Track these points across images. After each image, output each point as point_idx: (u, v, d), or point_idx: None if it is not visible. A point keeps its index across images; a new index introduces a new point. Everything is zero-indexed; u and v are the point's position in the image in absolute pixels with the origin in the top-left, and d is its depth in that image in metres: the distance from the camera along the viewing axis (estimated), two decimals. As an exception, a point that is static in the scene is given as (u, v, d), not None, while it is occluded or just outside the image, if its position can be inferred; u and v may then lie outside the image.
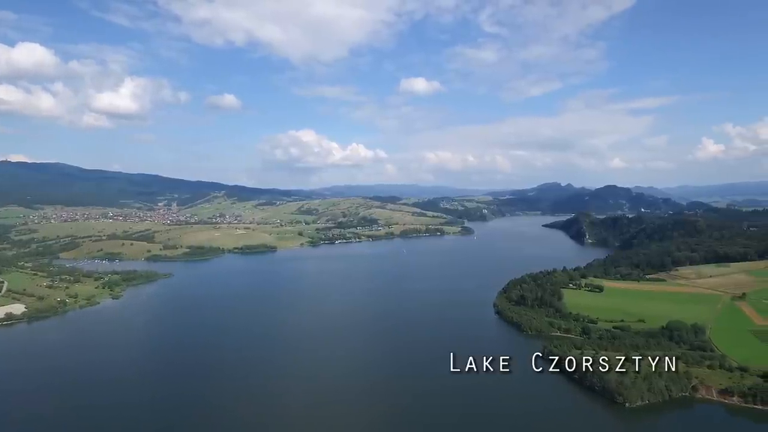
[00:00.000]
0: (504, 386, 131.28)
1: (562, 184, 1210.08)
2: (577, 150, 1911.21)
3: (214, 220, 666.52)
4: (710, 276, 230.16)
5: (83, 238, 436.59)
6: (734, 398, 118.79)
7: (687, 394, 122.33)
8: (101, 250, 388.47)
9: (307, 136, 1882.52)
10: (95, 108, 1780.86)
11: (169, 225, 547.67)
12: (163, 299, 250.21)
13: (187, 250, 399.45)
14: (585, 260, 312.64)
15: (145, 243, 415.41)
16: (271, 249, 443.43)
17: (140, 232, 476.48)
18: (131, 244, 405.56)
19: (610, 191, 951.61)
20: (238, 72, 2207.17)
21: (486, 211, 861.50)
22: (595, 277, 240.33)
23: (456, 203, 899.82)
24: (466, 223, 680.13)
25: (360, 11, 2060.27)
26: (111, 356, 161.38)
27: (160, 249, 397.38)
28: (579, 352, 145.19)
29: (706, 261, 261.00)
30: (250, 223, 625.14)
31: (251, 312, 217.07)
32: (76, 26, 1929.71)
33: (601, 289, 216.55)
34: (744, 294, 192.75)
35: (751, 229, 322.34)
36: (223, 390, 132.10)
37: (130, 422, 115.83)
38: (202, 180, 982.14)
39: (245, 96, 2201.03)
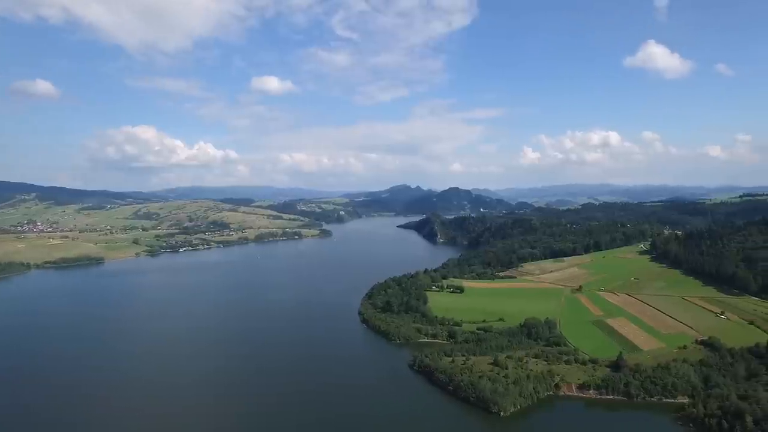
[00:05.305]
0: (381, 401, 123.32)
1: (412, 186, 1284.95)
2: (424, 154, 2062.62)
3: (19, 228, 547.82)
4: (551, 271, 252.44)
5: None
6: (591, 392, 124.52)
7: (552, 392, 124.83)
8: None
9: (146, 132, 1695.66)
10: None
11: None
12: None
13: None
14: (440, 259, 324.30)
15: None
16: (98, 261, 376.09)
17: None
18: None
19: (454, 193, 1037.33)
20: (55, 55, 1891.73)
21: (343, 212, 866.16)
22: (454, 277, 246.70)
23: (313, 205, 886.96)
24: (324, 226, 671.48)
25: (205, 0, 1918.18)
26: None
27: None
28: (450, 360, 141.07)
29: (545, 257, 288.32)
30: (70, 230, 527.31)
31: (59, 345, 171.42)
32: None
33: (461, 289, 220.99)
34: (580, 287, 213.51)
35: (573, 226, 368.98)
36: None
37: None
38: (5, 180, 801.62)
39: (65, 83, 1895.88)
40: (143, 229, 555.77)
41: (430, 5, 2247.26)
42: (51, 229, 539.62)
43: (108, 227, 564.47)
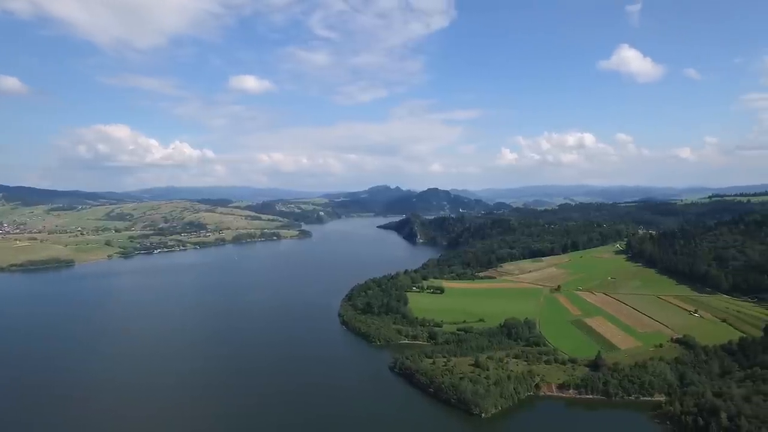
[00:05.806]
0: (362, 403, 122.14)
1: (391, 187, 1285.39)
2: (403, 155, 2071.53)
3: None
4: (530, 271, 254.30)
5: None
6: (570, 391, 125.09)
7: (532, 393, 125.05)
8: None
9: (120, 131, 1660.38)
10: None
11: None
12: None
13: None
14: (420, 260, 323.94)
15: None
16: (67, 264, 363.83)
17: None
18: None
19: (433, 193, 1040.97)
20: (23, 51, 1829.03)
21: (322, 213, 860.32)
22: (434, 278, 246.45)
23: (292, 206, 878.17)
24: (303, 226, 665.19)
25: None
26: None
27: None
28: (430, 361, 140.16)
29: (523, 257, 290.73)
30: (39, 232, 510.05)
31: (29, 346, 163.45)
32: None
33: (442, 290, 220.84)
34: (559, 286, 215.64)
35: (551, 227, 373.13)
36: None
37: None
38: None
39: (34, 80, 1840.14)
40: (116, 231, 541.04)
41: (409, 6, 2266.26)
42: (18, 231, 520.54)
43: (79, 228, 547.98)
